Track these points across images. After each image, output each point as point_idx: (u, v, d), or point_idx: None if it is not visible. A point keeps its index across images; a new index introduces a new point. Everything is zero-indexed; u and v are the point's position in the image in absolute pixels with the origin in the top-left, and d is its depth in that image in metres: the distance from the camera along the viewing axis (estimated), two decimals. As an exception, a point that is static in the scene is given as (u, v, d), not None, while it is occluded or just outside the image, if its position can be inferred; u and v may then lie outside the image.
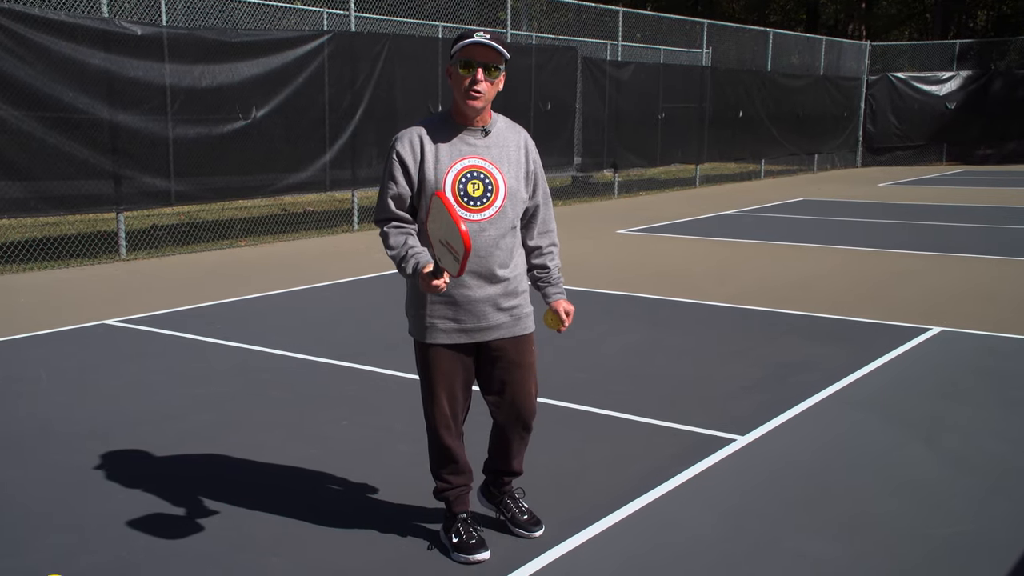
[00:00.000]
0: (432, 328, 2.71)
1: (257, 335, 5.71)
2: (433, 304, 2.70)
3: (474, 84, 2.59)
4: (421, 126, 2.70)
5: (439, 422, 2.80)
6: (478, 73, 2.58)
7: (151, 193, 8.98)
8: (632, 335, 5.72)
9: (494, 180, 2.67)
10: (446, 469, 2.87)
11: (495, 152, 2.70)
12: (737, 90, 17.97)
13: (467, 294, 2.68)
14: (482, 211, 2.65)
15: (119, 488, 3.37)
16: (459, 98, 2.64)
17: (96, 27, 8.33)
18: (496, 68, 2.61)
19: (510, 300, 2.74)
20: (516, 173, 2.73)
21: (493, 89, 2.63)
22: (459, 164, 2.65)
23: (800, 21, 35.91)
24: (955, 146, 22.62)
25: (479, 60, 2.59)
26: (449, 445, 2.82)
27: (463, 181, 2.64)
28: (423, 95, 11.56)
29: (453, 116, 2.70)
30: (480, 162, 2.67)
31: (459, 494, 2.89)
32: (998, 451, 3.74)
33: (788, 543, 2.94)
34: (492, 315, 2.71)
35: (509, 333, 2.76)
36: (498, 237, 2.68)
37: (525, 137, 2.81)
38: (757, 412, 4.20)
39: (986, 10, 37.71)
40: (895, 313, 6.31)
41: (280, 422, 4.11)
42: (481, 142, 2.69)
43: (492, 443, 2.97)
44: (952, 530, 3.03)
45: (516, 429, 2.86)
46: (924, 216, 12.18)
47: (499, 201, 2.67)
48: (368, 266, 8.38)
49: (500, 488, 3.02)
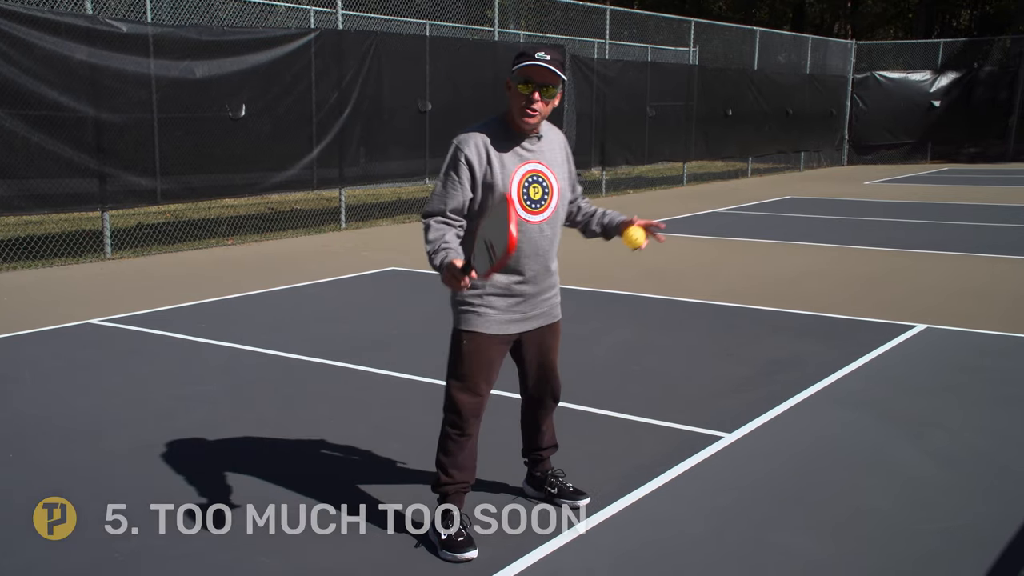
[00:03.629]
0: (486, 317, 2.86)
1: (244, 334, 5.68)
2: (488, 296, 2.84)
3: (530, 104, 2.74)
4: (481, 132, 2.82)
5: (470, 411, 2.89)
6: (535, 94, 2.73)
7: (136, 192, 8.92)
8: (620, 333, 5.73)
9: (550, 183, 2.87)
10: (454, 461, 2.93)
11: (548, 156, 2.89)
12: (724, 88, 18.02)
13: (524, 288, 2.87)
14: (541, 212, 2.84)
15: (105, 488, 3.35)
16: (516, 113, 2.78)
17: (81, 24, 8.26)
18: (553, 87, 2.75)
19: (551, 291, 2.98)
20: (563, 174, 2.94)
21: (548, 107, 2.79)
22: (522, 169, 2.82)
23: (787, 20, 36.07)
24: (940, 145, 22.77)
25: (537, 80, 2.72)
26: (471, 433, 2.93)
27: (526, 185, 2.81)
28: (411, 93, 11.53)
29: (509, 123, 2.83)
30: (539, 167, 2.85)
31: (458, 490, 2.94)
32: (984, 447, 3.77)
33: (775, 540, 2.95)
34: (539, 306, 2.94)
35: (547, 321, 2.98)
36: (553, 236, 2.91)
37: (563, 137, 3.02)
38: (745, 410, 4.21)
39: (969, 10, 38.00)
40: (881, 311, 6.35)
41: (268, 421, 4.10)
42: (536, 147, 2.86)
43: (525, 425, 3.19)
44: (939, 526, 3.05)
45: (547, 401, 3.14)
46: (910, 214, 12.26)
47: (554, 202, 2.87)
48: (356, 265, 8.35)
49: (542, 468, 3.22)
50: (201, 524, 3.05)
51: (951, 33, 35.29)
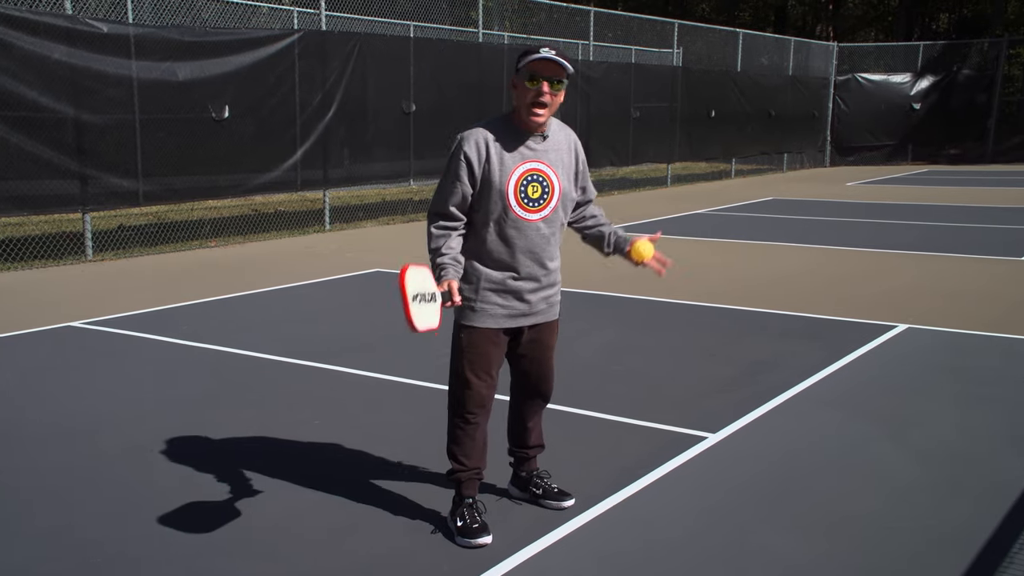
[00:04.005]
0: (483, 312, 2.91)
1: (228, 336, 5.65)
2: (486, 291, 2.90)
3: (539, 96, 2.76)
4: (485, 128, 2.86)
5: (474, 402, 2.95)
6: (543, 86, 2.76)
7: (118, 193, 8.85)
8: (603, 334, 5.74)
9: (551, 183, 2.89)
10: (463, 450, 3.00)
11: (552, 156, 2.90)
12: (708, 90, 18.11)
13: (520, 284, 2.91)
14: (539, 211, 2.87)
15: (85, 493, 3.32)
16: (522, 109, 2.81)
17: (60, 25, 8.20)
18: (560, 82, 2.78)
19: (550, 290, 3.01)
20: (568, 175, 2.95)
21: (556, 102, 2.82)
22: (521, 167, 2.84)
23: (769, 22, 36.29)
24: (920, 146, 22.99)
25: (544, 74, 2.75)
26: (478, 423, 2.99)
27: (524, 183, 2.84)
28: (395, 94, 11.52)
29: (514, 122, 2.86)
30: (540, 165, 2.87)
31: (471, 477, 3.01)
32: (961, 446, 3.81)
33: (759, 540, 2.97)
34: (537, 303, 2.97)
35: (545, 318, 3.01)
36: (550, 234, 2.93)
37: (574, 138, 3.02)
38: (728, 410, 4.24)
39: (948, 13, 38.39)
40: (863, 311, 6.40)
41: (252, 424, 4.08)
42: (540, 147, 2.88)
43: (512, 422, 3.22)
44: (919, 524, 3.08)
45: (537, 401, 3.17)
46: (891, 215, 12.37)
47: (554, 202, 2.90)
48: (340, 266, 8.33)
49: (527, 468, 3.23)
50: (182, 527, 3.03)
51: (930, 36, 35.64)
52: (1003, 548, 2.91)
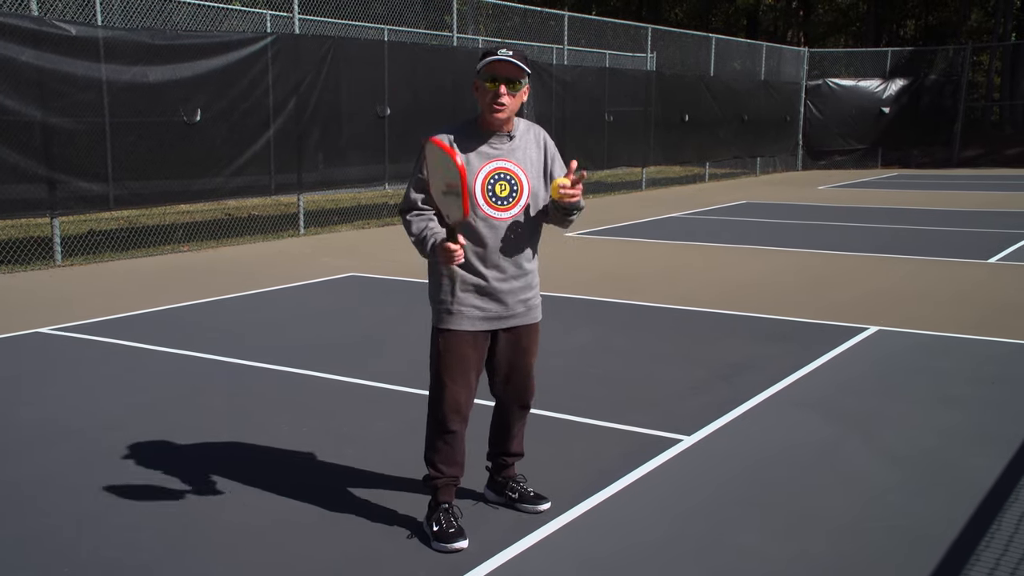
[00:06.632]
0: (459, 315, 2.90)
1: (199, 342, 5.59)
2: (461, 293, 2.89)
3: (497, 97, 2.81)
4: (449, 132, 2.90)
5: (450, 407, 2.94)
6: (501, 87, 2.81)
7: (87, 198, 8.73)
8: (579, 337, 5.76)
9: (519, 181, 2.91)
10: (441, 457, 2.99)
11: (519, 155, 2.93)
12: (682, 94, 18.24)
13: (496, 285, 2.91)
14: (509, 209, 2.89)
15: (56, 501, 3.26)
16: (485, 109, 2.86)
17: (26, 27, 8.07)
18: (519, 82, 2.83)
19: (528, 292, 3.00)
20: (537, 173, 2.97)
21: (516, 101, 2.87)
22: (488, 167, 2.87)
23: (741, 28, 36.65)
24: (890, 150, 23.33)
25: (502, 75, 2.81)
26: (455, 430, 2.97)
27: (491, 182, 2.87)
28: (369, 98, 11.47)
29: (479, 124, 2.91)
30: (507, 164, 2.90)
31: (447, 483, 3.01)
32: (932, 446, 3.86)
33: (734, 541, 2.99)
34: (514, 304, 2.96)
35: (524, 321, 3.00)
36: (524, 233, 2.94)
37: (543, 134, 3.05)
38: (703, 412, 4.26)
39: (914, 20, 39.02)
40: (834, 313, 6.47)
41: (223, 429, 4.03)
42: (506, 146, 2.91)
43: (494, 428, 3.21)
44: (889, 523, 3.12)
45: (517, 408, 3.14)
46: (862, 218, 12.53)
47: (523, 200, 2.91)
48: (315, 271, 8.27)
49: (505, 474, 3.22)
50: (155, 534, 2.99)
51: (898, 42, 36.20)
52: (971, 546, 2.95)
